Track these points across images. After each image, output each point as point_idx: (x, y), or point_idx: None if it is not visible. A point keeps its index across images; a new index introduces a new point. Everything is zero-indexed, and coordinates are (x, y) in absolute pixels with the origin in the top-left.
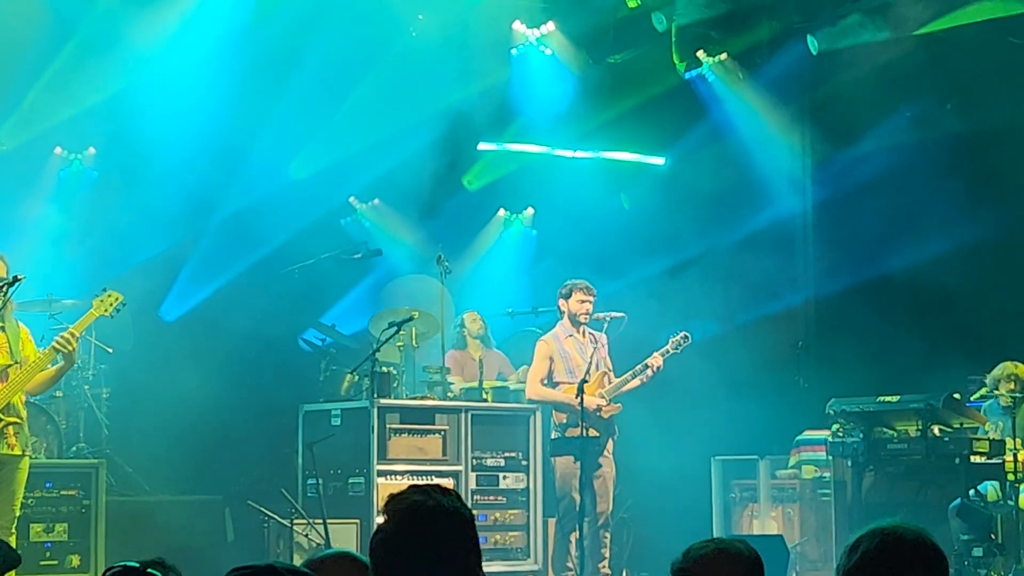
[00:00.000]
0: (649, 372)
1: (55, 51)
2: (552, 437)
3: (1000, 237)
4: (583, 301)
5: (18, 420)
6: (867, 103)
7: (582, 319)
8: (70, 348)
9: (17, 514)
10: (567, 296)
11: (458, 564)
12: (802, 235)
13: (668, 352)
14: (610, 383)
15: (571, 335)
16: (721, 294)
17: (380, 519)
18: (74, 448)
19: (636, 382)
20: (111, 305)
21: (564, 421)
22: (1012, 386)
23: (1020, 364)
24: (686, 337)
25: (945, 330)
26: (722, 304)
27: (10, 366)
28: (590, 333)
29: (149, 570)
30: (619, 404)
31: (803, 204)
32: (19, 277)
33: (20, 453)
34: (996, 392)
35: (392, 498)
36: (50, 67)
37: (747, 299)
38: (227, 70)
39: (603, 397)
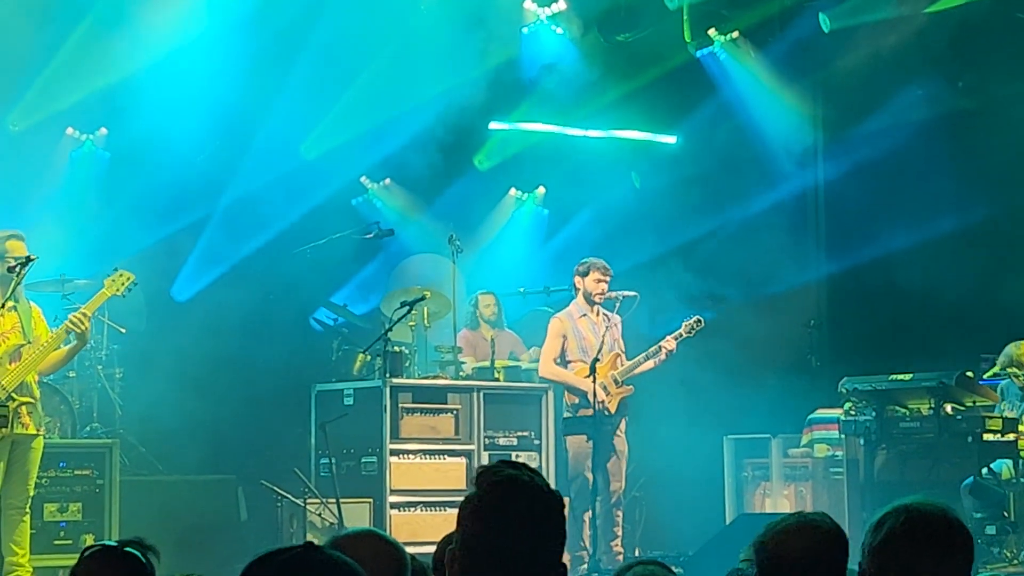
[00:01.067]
0: (662, 355)
1: (67, 32)
2: (564, 416)
3: (1013, 213)
4: (600, 280)
5: (31, 400)
6: (878, 80)
7: (597, 299)
8: (82, 328)
9: (31, 494)
10: (584, 274)
11: (544, 544)
12: (814, 213)
13: (681, 336)
14: (622, 365)
15: (585, 314)
16: (733, 272)
17: (471, 490)
18: (87, 428)
19: (649, 364)
20: (123, 285)
21: (576, 402)
22: (1015, 372)
23: (1022, 345)
24: (699, 321)
25: (958, 308)
26: (734, 282)
27: (23, 346)
28: (604, 313)
29: (127, 549)
30: (631, 386)
31: (815, 181)
32: (32, 257)
33: (34, 433)
34: (1008, 371)
35: (486, 470)
36: (62, 48)
37: (759, 277)
38: (237, 51)
39: (615, 379)
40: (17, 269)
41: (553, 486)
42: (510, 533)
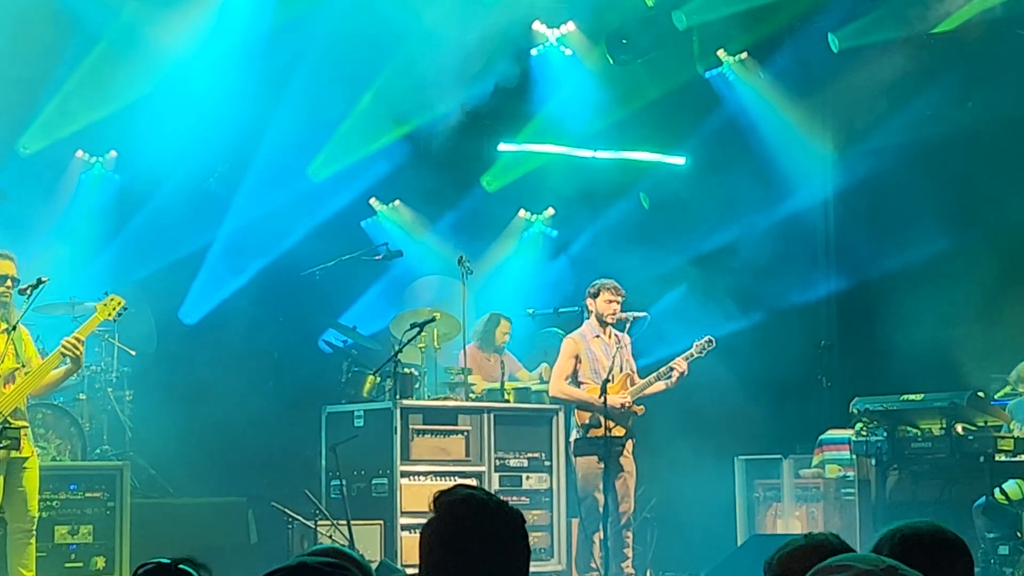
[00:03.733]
0: (674, 376)
1: (79, 58)
2: (574, 437)
3: (1022, 230)
4: (611, 301)
5: (27, 423)
6: (887, 99)
7: (609, 319)
8: (77, 352)
9: (35, 515)
10: (595, 296)
11: (509, 559)
12: (823, 231)
13: (692, 356)
14: (633, 385)
15: (598, 335)
16: (743, 292)
17: (430, 513)
18: (98, 450)
19: (661, 385)
20: (114, 309)
21: (587, 421)
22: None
23: None
24: (710, 341)
25: (968, 326)
26: (744, 302)
27: (16, 369)
28: (615, 334)
29: (181, 566)
30: (642, 406)
31: (824, 200)
32: (43, 279)
33: (28, 455)
34: (1020, 390)
35: (442, 493)
36: (73, 73)
37: (769, 296)
38: (246, 74)
39: (626, 397)
40: (28, 291)
41: (565, 506)
42: (474, 553)
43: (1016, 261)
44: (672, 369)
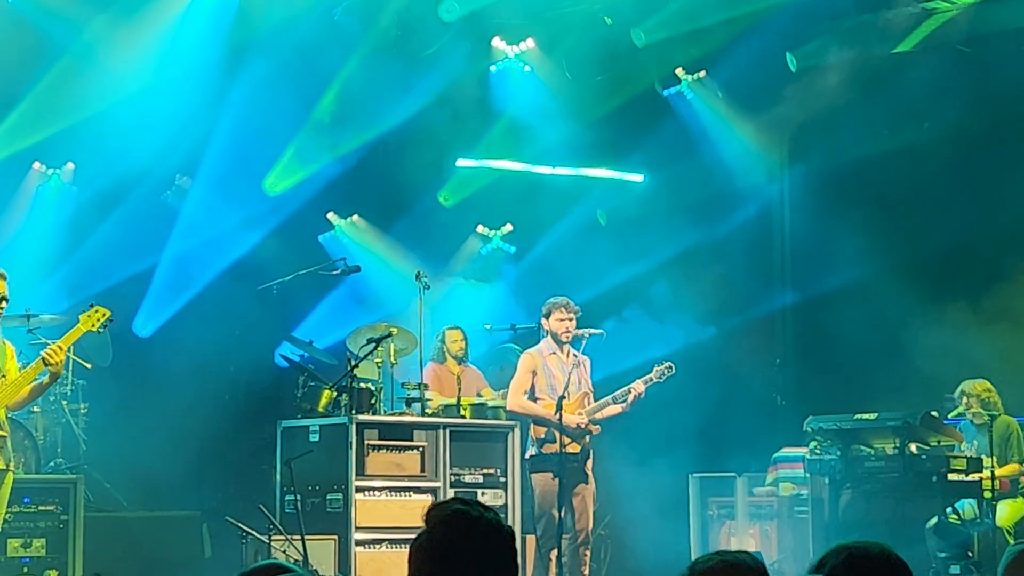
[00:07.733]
0: (630, 399)
1: (40, 71)
2: (529, 454)
3: (976, 246)
4: (563, 319)
5: (3, 435)
6: (845, 117)
7: (563, 337)
8: (57, 359)
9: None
10: (548, 315)
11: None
12: (779, 247)
13: (651, 380)
14: (590, 404)
15: (554, 352)
16: (698, 308)
17: (422, 525)
18: (52, 463)
19: (617, 408)
20: (98, 320)
21: (542, 436)
22: (968, 403)
23: (977, 382)
24: (670, 367)
25: (924, 343)
26: (698, 318)
27: None
28: (573, 353)
29: None
30: (598, 425)
31: (781, 217)
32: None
33: (4, 468)
34: (962, 404)
35: (435, 506)
36: (35, 86)
37: (724, 313)
38: (203, 88)
39: (582, 416)
40: None
41: (519, 524)
42: (460, 567)
43: (972, 277)
44: (629, 392)
